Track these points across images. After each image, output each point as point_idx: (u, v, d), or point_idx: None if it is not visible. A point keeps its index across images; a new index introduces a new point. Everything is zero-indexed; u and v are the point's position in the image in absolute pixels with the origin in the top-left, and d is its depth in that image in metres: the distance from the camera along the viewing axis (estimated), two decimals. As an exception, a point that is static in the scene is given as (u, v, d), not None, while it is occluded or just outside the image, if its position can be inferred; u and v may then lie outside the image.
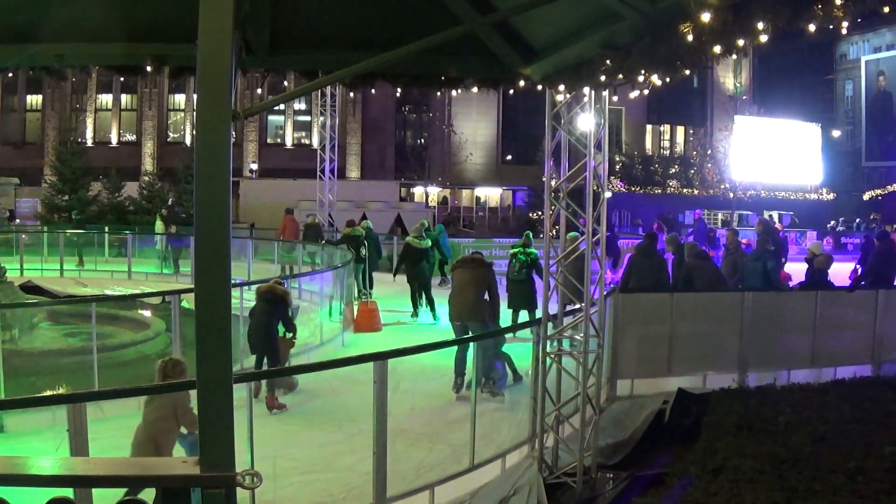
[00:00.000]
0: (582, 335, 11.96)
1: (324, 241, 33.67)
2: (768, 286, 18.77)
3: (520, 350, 14.96)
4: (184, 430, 9.84)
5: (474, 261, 16.82)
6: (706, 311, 16.51)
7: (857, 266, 25.28)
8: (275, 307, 15.88)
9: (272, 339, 15.73)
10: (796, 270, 20.18)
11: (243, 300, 17.59)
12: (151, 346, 18.70)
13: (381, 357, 10.19)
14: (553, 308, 12.51)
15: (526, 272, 19.90)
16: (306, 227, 34.58)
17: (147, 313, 21.68)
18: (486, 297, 16.16)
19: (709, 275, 18.11)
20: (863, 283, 19.44)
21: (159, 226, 38.12)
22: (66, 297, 25.07)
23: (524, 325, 14.07)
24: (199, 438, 4.20)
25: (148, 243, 37.40)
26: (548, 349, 12.12)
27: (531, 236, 22.90)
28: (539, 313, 13.88)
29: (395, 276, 26.47)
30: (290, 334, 16.46)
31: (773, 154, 70.10)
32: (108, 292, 28.35)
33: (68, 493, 4.66)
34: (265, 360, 15.61)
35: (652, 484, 11.76)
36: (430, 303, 23.66)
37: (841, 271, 22.11)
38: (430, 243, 25.55)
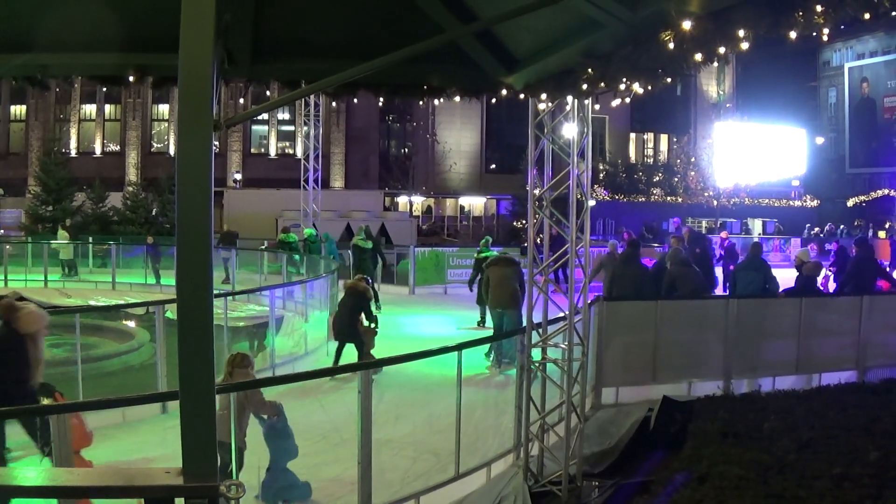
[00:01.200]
0: (566, 343, 11.97)
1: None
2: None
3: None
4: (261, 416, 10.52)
5: (508, 260, 20.14)
6: (691, 319, 16.52)
7: (830, 272, 25.44)
8: (357, 300, 18.69)
9: (354, 328, 18.49)
10: (783, 278, 20.20)
11: (227, 310, 17.57)
12: (135, 357, 18.68)
13: (365, 367, 10.19)
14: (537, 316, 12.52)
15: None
16: (222, 234, 35.42)
17: (131, 324, 21.66)
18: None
19: (693, 282, 18.13)
20: (843, 289, 19.50)
21: (62, 234, 38.30)
22: (50, 308, 25.00)
23: (510, 334, 14.06)
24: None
25: (132, 254, 37.35)
26: (532, 357, 12.14)
27: (489, 241, 27.95)
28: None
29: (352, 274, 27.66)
30: (373, 324, 18.93)
31: (755, 156, 70.23)
32: (93, 303, 28.29)
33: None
34: (345, 347, 18.57)
35: (637, 492, 11.76)
36: (375, 295, 24.77)
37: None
38: (371, 245, 29.69)
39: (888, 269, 30.91)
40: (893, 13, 5.47)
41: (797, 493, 10.34)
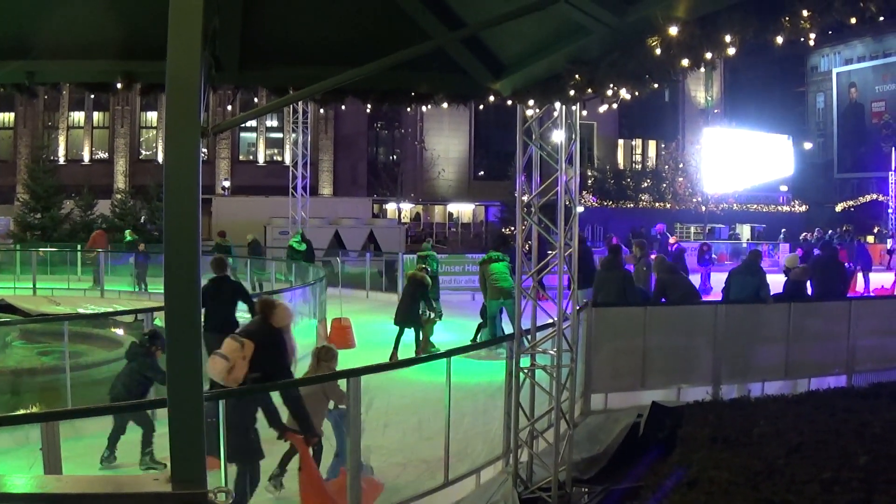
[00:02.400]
0: (555, 350, 11.97)
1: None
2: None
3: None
4: (331, 405, 11.28)
5: (503, 256, 21.90)
6: (679, 324, 16.51)
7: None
8: (416, 289, 20.98)
9: (415, 315, 20.82)
10: (772, 283, 20.24)
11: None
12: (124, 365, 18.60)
13: (354, 374, 10.17)
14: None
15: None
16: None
17: (120, 331, 21.56)
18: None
19: (682, 288, 18.13)
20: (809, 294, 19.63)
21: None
22: (38, 316, 24.91)
23: (499, 340, 14.05)
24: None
25: (121, 261, 37.33)
26: (521, 364, 12.14)
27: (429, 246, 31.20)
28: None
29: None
30: (431, 314, 21.29)
31: (743, 163, 70.33)
32: (81, 311, 28.19)
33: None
34: (405, 332, 20.75)
35: (627, 497, 11.78)
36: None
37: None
38: (305, 246, 33.63)
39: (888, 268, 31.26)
40: (881, 18, 5.48)
41: (787, 497, 10.32)
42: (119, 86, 8.17)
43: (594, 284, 18.92)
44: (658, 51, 6.14)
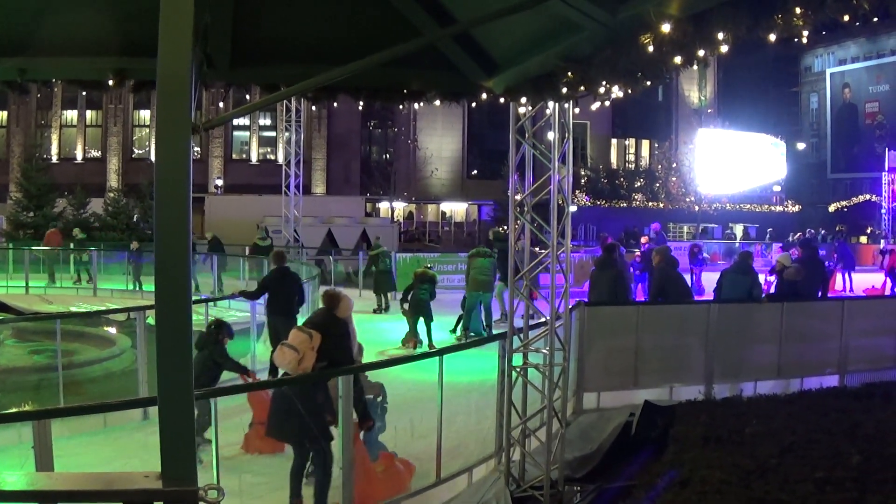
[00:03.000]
0: (548, 348, 11.96)
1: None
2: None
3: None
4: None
5: (485, 252, 24.06)
6: (672, 323, 16.51)
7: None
8: (423, 283, 22.57)
9: (426, 305, 22.44)
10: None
11: (208, 316, 17.51)
12: (117, 363, 18.58)
13: (346, 372, 10.18)
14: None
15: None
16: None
17: (112, 330, 21.56)
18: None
19: (679, 286, 18.14)
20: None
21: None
22: (31, 314, 24.88)
23: (493, 339, 14.03)
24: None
25: (114, 260, 37.31)
26: (514, 363, 12.13)
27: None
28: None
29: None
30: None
31: (736, 165, 70.47)
32: (74, 309, 28.16)
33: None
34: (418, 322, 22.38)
35: (619, 496, 11.77)
36: None
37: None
38: (269, 242, 35.62)
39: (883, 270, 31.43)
40: (875, 19, 5.48)
41: (779, 497, 10.33)
42: (111, 83, 8.14)
43: (590, 283, 18.96)
44: (651, 48, 6.12)
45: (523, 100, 9.40)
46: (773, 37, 5.68)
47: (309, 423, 10.61)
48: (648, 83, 7.02)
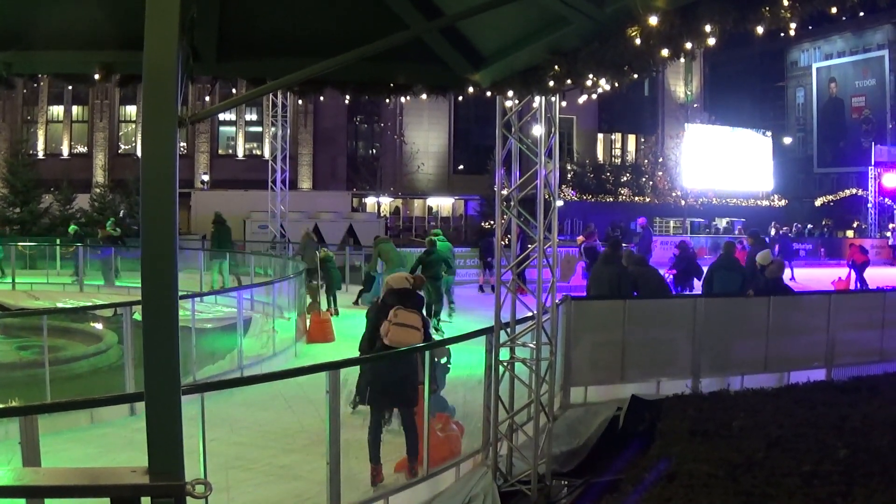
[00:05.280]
0: (534, 343, 11.97)
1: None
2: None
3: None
4: None
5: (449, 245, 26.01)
6: (659, 318, 16.54)
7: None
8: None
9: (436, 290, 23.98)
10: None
11: (195, 312, 17.49)
12: (103, 359, 18.57)
13: (333, 367, 10.15)
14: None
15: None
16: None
17: (99, 326, 21.52)
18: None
19: (653, 282, 18.12)
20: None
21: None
22: (17, 310, 24.83)
23: (478, 333, 14.00)
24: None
25: (100, 256, 37.22)
26: (500, 357, 12.13)
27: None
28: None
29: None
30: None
31: (723, 162, 70.55)
32: (60, 305, 28.14)
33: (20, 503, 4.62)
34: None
35: (607, 490, 11.78)
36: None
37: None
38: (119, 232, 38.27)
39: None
40: (861, 14, 5.47)
41: (766, 490, 10.33)
42: (97, 77, 8.10)
43: (589, 278, 18.96)
44: (638, 41, 6.11)
45: (510, 94, 9.39)
46: (760, 29, 5.67)
47: (408, 391, 11.68)
48: (635, 76, 7.01)
